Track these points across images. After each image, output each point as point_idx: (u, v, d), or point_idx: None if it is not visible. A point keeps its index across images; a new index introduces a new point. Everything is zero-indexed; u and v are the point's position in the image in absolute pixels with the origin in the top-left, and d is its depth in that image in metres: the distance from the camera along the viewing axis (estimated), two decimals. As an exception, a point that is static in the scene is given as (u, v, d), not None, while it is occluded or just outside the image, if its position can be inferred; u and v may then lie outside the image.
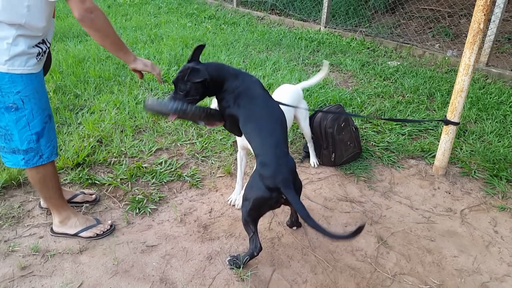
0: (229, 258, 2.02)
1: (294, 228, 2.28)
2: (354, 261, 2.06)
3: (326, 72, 2.86)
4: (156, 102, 1.85)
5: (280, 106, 2.02)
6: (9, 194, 2.47)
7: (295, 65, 4.74)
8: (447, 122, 2.60)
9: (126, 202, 2.45)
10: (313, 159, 2.88)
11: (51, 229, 2.16)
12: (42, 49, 1.81)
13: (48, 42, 1.86)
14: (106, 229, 2.18)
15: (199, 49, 1.94)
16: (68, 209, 2.14)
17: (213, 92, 1.96)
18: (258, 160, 1.81)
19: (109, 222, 2.22)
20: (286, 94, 2.56)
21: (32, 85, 1.78)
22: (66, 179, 2.60)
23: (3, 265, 1.97)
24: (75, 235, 2.13)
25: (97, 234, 2.14)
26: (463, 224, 2.34)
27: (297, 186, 1.83)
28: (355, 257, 2.09)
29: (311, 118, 2.83)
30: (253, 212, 1.84)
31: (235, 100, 1.90)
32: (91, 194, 2.43)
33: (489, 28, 4.37)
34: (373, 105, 3.68)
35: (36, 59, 1.78)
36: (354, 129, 2.85)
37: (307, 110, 2.74)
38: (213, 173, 2.76)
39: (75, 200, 2.38)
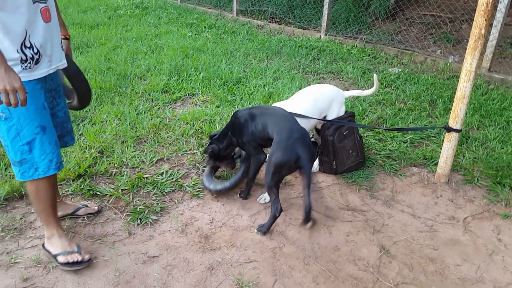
0: (257, 228, 2.29)
1: (309, 224, 2.15)
2: (356, 270, 2.05)
3: (376, 86, 2.97)
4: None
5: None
6: (11, 206, 2.47)
7: (296, 73, 4.75)
8: (449, 130, 2.60)
9: (128, 213, 2.44)
10: (315, 164, 2.89)
11: (43, 243, 2.10)
12: (27, 55, 1.70)
13: (36, 48, 1.73)
14: (80, 260, 2.00)
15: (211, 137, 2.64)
16: (55, 228, 2.05)
17: (234, 147, 2.57)
18: (275, 132, 2.21)
19: (87, 256, 2.04)
20: (321, 90, 2.81)
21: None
22: (68, 190, 2.61)
23: (5, 277, 1.97)
24: (54, 256, 2.03)
25: (68, 262, 1.99)
26: (466, 233, 2.32)
27: (312, 152, 2.19)
28: (357, 266, 2.07)
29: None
30: (275, 176, 2.16)
31: (241, 131, 2.43)
32: (92, 207, 2.42)
33: (491, 33, 4.36)
34: (374, 113, 3.68)
35: (21, 66, 1.69)
36: (358, 137, 2.83)
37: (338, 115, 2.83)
38: (215, 182, 2.75)
39: (78, 213, 2.37)
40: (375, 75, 2.95)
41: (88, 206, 2.41)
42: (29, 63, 1.73)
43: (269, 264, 2.08)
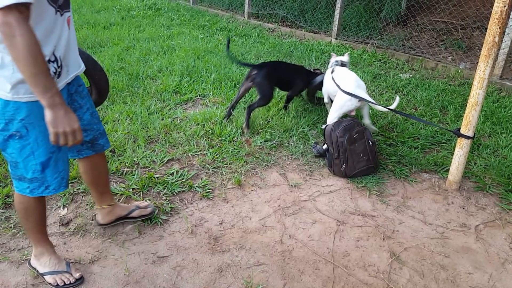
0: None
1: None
2: (366, 276, 2.04)
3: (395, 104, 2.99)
4: None
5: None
6: (23, 203, 2.49)
7: (307, 77, 4.74)
8: (459, 135, 2.58)
9: (138, 213, 2.45)
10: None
11: (29, 260, 2.02)
12: (50, 70, 1.58)
13: (60, 60, 1.63)
14: (69, 282, 1.94)
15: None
16: (45, 246, 1.97)
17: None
18: None
19: (78, 274, 1.98)
20: (346, 74, 3.14)
21: (39, 112, 1.59)
22: (79, 188, 2.63)
23: (17, 273, 1.99)
24: (41, 275, 1.97)
25: (57, 284, 1.93)
26: (477, 240, 2.30)
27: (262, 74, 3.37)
28: (368, 272, 2.06)
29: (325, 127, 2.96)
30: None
31: None
32: (146, 207, 2.37)
33: (503, 41, 4.33)
34: (385, 118, 3.67)
35: None
36: (370, 143, 2.82)
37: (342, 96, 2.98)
38: (224, 184, 2.76)
39: (132, 215, 2.33)
40: (398, 97, 2.96)
41: (140, 207, 2.37)
42: (53, 78, 1.59)
43: (279, 268, 2.07)
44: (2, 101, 1.57)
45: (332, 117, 3.00)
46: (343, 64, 3.39)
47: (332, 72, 3.28)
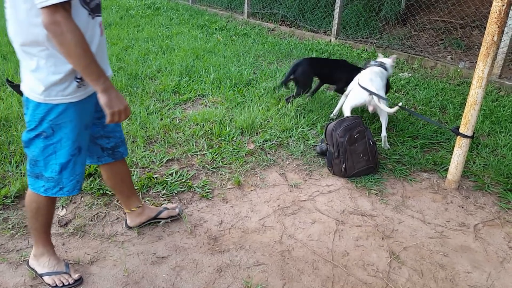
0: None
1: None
2: (365, 276, 2.04)
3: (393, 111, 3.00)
4: None
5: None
6: (22, 204, 2.49)
7: (306, 76, 4.74)
8: (458, 133, 2.58)
9: (137, 213, 2.45)
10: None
11: (28, 261, 2.02)
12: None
13: None
14: (68, 283, 1.94)
15: None
16: (47, 246, 1.98)
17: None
18: None
19: (77, 276, 1.97)
20: (369, 72, 3.30)
21: (67, 114, 1.65)
22: (78, 189, 2.62)
23: (15, 274, 1.99)
24: (40, 275, 1.96)
25: (56, 285, 1.93)
26: (476, 239, 2.30)
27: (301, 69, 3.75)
28: (367, 271, 2.06)
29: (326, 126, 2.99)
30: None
31: None
32: (174, 209, 2.40)
33: (502, 40, 4.34)
34: (384, 117, 3.67)
35: (76, 82, 1.63)
36: (371, 143, 2.83)
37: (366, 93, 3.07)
38: (223, 184, 2.76)
39: (161, 216, 2.35)
40: (401, 104, 2.93)
41: (168, 209, 2.39)
42: (84, 80, 1.65)
43: (278, 268, 2.07)
44: (34, 103, 1.62)
45: (347, 105, 3.19)
46: (381, 64, 3.48)
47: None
